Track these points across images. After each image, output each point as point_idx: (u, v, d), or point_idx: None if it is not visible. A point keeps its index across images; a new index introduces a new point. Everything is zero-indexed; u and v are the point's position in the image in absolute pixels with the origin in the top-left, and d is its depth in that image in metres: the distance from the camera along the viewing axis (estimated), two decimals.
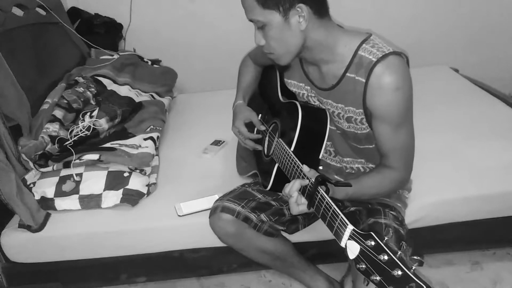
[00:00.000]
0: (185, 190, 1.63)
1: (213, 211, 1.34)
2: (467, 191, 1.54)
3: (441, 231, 1.58)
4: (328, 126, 1.23)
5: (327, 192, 1.00)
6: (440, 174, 1.60)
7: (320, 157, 1.23)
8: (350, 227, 0.89)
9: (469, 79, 2.39)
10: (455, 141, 1.79)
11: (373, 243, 0.82)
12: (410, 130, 1.15)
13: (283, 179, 1.20)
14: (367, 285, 0.85)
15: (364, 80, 1.09)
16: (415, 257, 0.79)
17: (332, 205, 0.96)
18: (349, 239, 0.89)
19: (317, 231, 1.48)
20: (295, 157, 1.15)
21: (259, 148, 1.41)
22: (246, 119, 1.43)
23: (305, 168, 1.09)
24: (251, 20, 1.11)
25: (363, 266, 0.84)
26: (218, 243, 1.39)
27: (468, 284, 1.62)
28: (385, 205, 1.29)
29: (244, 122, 1.43)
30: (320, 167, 1.11)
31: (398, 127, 1.12)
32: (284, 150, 1.21)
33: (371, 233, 0.84)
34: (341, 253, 1.09)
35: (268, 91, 1.45)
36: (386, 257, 0.80)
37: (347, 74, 1.13)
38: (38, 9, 2.12)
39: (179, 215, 1.53)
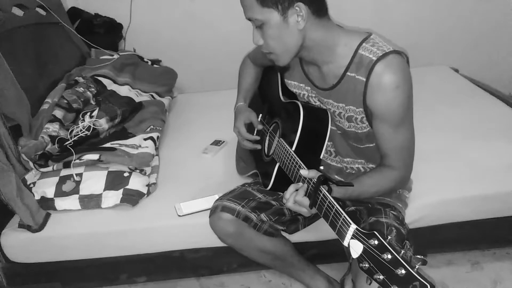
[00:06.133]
0: (185, 190, 1.63)
1: (213, 210, 1.34)
2: (467, 191, 1.54)
3: (441, 231, 1.58)
4: (330, 126, 1.23)
5: (329, 191, 1.00)
6: (440, 174, 1.60)
7: (321, 157, 1.23)
8: (353, 226, 0.89)
9: (469, 79, 2.39)
10: (455, 141, 1.79)
11: (376, 242, 0.83)
12: (410, 129, 1.15)
13: (283, 178, 1.20)
14: (370, 284, 0.85)
15: (364, 79, 1.09)
16: (419, 256, 0.79)
17: (334, 204, 0.96)
18: (352, 238, 0.89)
19: (317, 231, 1.48)
20: (296, 157, 1.15)
21: (257, 148, 1.42)
22: (247, 120, 1.44)
23: (303, 172, 1.08)
24: (249, 19, 1.11)
25: (366, 265, 0.84)
26: (218, 243, 1.39)
27: (468, 284, 1.62)
28: (385, 205, 1.29)
29: (245, 122, 1.43)
30: (321, 167, 1.11)
31: (398, 126, 1.12)
32: (286, 150, 1.20)
33: (375, 232, 0.84)
34: (341, 253, 1.09)
35: (268, 91, 1.45)
36: (389, 256, 0.80)
37: (348, 73, 1.13)
38: (38, 9, 2.12)
39: (179, 215, 1.53)
